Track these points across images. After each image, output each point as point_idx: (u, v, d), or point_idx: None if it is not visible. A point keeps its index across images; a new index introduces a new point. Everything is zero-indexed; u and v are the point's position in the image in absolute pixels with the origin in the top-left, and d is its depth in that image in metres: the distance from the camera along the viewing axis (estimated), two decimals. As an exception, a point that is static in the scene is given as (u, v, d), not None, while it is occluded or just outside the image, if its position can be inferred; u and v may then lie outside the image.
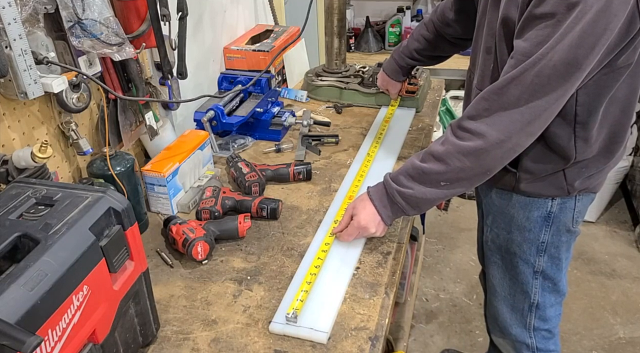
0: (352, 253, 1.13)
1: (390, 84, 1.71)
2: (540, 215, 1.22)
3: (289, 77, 2.04)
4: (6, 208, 0.75)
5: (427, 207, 1.11)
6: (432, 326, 2.26)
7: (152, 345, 0.95)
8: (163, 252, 1.17)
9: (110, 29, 1.09)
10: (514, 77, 0.94)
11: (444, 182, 1.04)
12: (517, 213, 1.24)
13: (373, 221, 1.11)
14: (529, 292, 1.32)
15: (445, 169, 1.02)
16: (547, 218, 1.22)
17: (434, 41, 1.50)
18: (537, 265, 1.28)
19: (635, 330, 2.18)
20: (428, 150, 1.06)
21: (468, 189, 1.10)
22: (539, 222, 1.22)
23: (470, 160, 1.00)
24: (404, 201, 1.08)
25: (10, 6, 0.90)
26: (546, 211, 1.21)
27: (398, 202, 1.08)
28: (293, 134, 1.68)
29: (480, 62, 1.17)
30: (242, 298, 1.04)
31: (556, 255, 1.27)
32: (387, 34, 3.29)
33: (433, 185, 1.05)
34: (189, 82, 1.51)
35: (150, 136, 1.38)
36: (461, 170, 1.02)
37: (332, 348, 0.92)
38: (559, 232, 1.24)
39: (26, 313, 0.61)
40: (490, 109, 0.97)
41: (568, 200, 1.20)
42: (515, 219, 1.25)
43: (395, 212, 1.11)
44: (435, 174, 1.04)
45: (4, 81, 0.96)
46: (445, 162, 1.02)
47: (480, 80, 1.17)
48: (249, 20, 2.09)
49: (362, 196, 1.16)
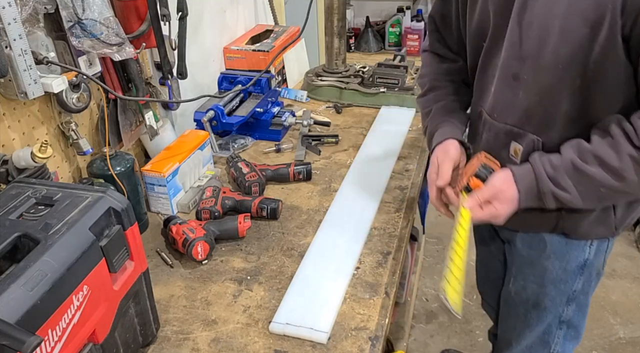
0: (352, 253, 1.13)
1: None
2: (578, 264, 1.09)
3: (289, 77, 2.04)
4: (6, 209, 0.75)
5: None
6: (432, 326, 2.25)
7: (152, 345, 0.95)
8: (163, 252, 1.17)
9: (110, 29, 1.09)
10: None
11: (605, 189, 0.89)
12: (552, 265, 1.10)
13: (508, 213, 0.97)
14: (550, 343, 1.21)
15: (619, 185, 0.87)
16: (582, 267, 1.10)
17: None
18: (564, 315, 1.17)
19: (635, 330, 2.18)
20: (594, 151, 0.89)
21: (627, 199, 0.99)
22: (575, 272, 1.10)
23: None
24: (556, 203, 0.93)
25: (10, 6, 0.90)
26: (583, 259, 1.08)
27: (548, 202, 0.94)
28: (293, 134, 1.68)
29: (498, 89, 1.02)
30: (242, 298, 1.04)
31: (584, 302, 1.17)
32: (387, 34, 3.29)
33: (593, 191, 0.90)
34: (189, 82, 1.51)
35: (150, 136, 1.38)
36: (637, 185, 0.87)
37: (332, 348, 0.92)
38: (591, 278, 1.13)
39: (26, 313, 0.61)
40: None
41: (604, 242, 1.08)
42: (549, 271, 1.11)
43: (537, 205, 0.96)
44: (602, 181, 0.88)
45: (4, 81, 0.96)
46: (620, 177, 0.87)
47: (501, 112, 1.02)
48: (249, 20, 2.09)
49: (507, 181, 0.96)
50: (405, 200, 1.33)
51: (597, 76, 0.87)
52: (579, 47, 0.84)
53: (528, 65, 0.93)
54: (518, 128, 1.00)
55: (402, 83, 1.82)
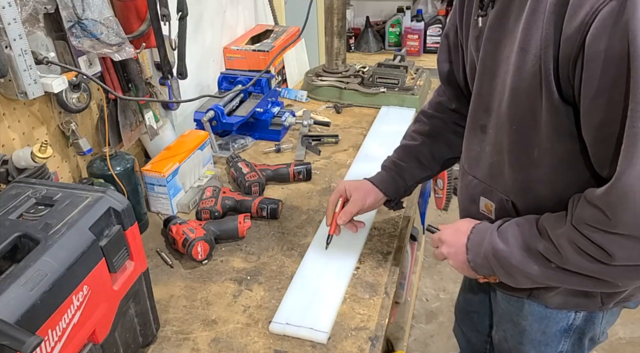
0: (352, 253, 1.13)
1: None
2: (559, 329, 1.01)
3: (289, 77, 2.04)
4: (6, 209, 0.75)
5: (524, 281, 0.87)
6: (432, 326, 2.25)
7: (152, 345, 0.95)
8: (163, 252, 1.17)
9: (110, 29, 1.09)
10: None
11: (555, 265, 0.81)
12: (531, 327, 1.03)
13: (455, 259, 0.94)
14: None
15: (561, 264, 0.80)
16: (567, 330, 1.01)
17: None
18: None
19: (635, 330, 2.18)
20: (541, 223, 0.83)
21: (589, 288, 0.90)
22: (557, 336, 1.02)
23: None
24: (497, 261, 0.87)
25: (10, 6, 0.90)
26: (567, 324, 1.00)
27: (489, 258, 0.88)
28: (293, 134, 1.68)
29: (468, 140, 0.99)
30: (242, 298, 1.04)
31: None
32: (387, 34, 3.29)
33: (540, 263, 0.82)
34: (189, 82, 1.51)
35: (150, 136, 1.38)
36: (582, 269, 0.79)
37: (332, 348, 0.92)
38: (582, 343, 1.03)
39: (26, 313, 0.61)
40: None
41: (597, 313, 0.99)
42: (527, 332, 1.04)
43: (485, 267, 0.90)
44: (549, 257, 0.81)
45: (4, 81, 0.96)
46: (559, 255, 0.80)
47: (471, 164, 0.98)
48: (249, 20, 2.09)
49: (462, 227, 0.95)
50: (405, 200, 1.33)
51: (552, 149, 0.81)
52: (527, 111, 0.80)
53: (492, 118, 0.89)
54: (486, 184, 0.95)
55: (402, 83, 1.82)
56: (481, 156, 0.94)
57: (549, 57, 0.73)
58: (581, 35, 0.69)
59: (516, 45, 0.78)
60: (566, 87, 0.74)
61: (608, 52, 0.66)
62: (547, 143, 0.81)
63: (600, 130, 0.72)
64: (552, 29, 0.72)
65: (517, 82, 0.79)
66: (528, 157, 0.84)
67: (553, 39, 0.72)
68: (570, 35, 0.70)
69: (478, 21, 0.88)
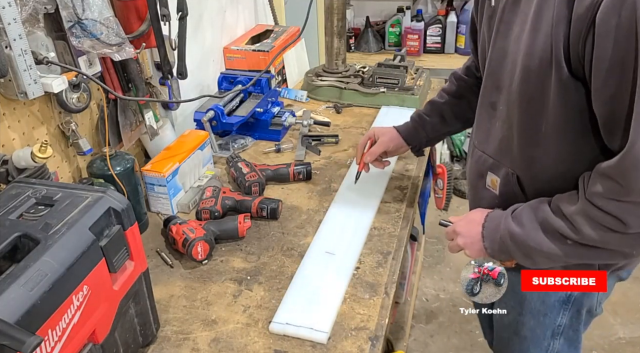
0: (352, 253, 1.13)
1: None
2: (558, 299, 1.06)
3: (289, 77, 2.04)
4: (6, 209, 0.75)
5: (543, 261, 0.91)
6: (432, 326, 2.25)
7: (152, 345, 0.95)
8: (163, 252, 1.17)
9: (110, 29, 1.09)
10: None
11: (572, 241, 0.85)
12: (531, 295, 1.08)
13: (471, 249, 0.99)
14: None
15: (577, 237, 0.84)
16: (566, 302, 1.06)
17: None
18: (551, 348, 1.13)
19: (635, 330, 2.18)
20: (555, 200, 0.88)
21: (602, 261, 0.95)
22: (556, 306, 1.07)
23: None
24: (514, 245, 0.91)
25: (10, 6, 0.90)
26: (566, 294, 1.05)
27: (507, 242, 0.92)
28: (293, 134, 1.68)
29: (479, 117, 1.04)
30: (242, 298, 1.04)
31: (575, 338, 1.12)
32: (387, 34, 3.29)
33: (557, 241, 0.87)
34: (189, 82, 1.51)
35: (150, 136, 1.38)
36: (595, 242, 0.83)
37: (332, 348, 0.92)
38: (579, 315, 1.08)
39: (26, 313, 0.61)
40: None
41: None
42: (527, 301, 1.09)
43: (503, 252, 0.95)
44: (564, 233, 0.85)
45: (4, 81, 0.96)
46: (576, 230, 0.84)
47: (481, 140, 1.04)
48: (249, 20, 2.09)
49: (475, 217, 1.00)
50: (405, 200, 1.33)
51: (560, 123, 0.86)
52: (537, 87, 0.85)
53: (503, 95, 0.94)
54: (494, 159, 1.00)
55: (402, 83, 1.82)
56: (491, 132, 1.00)
57: (560, 35, 0.78)
58: (591, 14, 0.73)
59: (528, 24, 0.83)
60: (576, 64, 0.79)
61: (618, 30, 0.71)
62: (555, 117, 0.85)
63: (611, 104, 0.76)
64: (564, 9, 0.77)
65: (528, 61, 0.84)
66: (536, 131, 0.89)
67: (564, 18, 0.77)
68: (581, 14, 0.74)
69: (491, 1, 0.94)
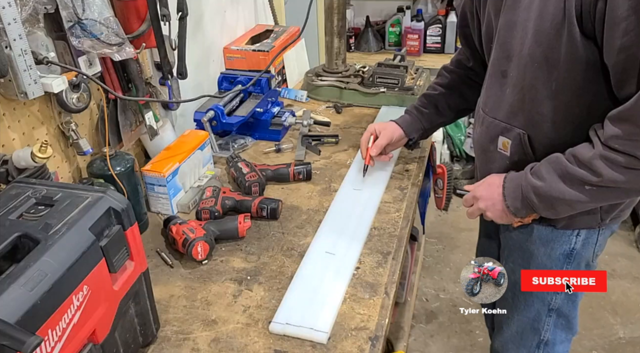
0: (352, 254, 1.13)
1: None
2: (563, 252, 1.14)
3: (289, 77, 2.04)
4: (6, 209, 0.75)
5: (565, 209, 1.00)
6: (432, 326, 2.26)
7: (152, 345, 0.95)
8: (163, 252, 1.17)
9: (110, 29, 1.09)
10: None
11: (589, 186, 0.93)
12: (538, 250, 1.16)
13: (493, 210, 1.08)
14: (540, 330, 1.25)
15: (597, 180, 0.91)
16: (569, 256, 1.15)
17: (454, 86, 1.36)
18: (553, 302, 1.21)
19: (635, 330, 2.18)
20: (573, 151, 0.96)
21: (620, 200, 1.03)
22: (560, 259, 1.15)
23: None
24: (537, 198, 0.99)
25: (10, 6, 0.90)
26: (569, 248, 1.14)
27: (530, 198, 1.00)
28: (293, 134, 1.68)
29: (489, 86, 1.10)
30: (242, 298, 1.04)
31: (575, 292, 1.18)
32: (387, 34, 3.29)
33: (578, 188, 0.94)
34: (189, 82, 1.51)
35: (150, 136, 1.38)
36: (615, 182, 0.91)
37: (332, 348, 0.92)
38: (579, 268, 1.17)
39: (26, 313, 0.61)
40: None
41: (592, 234, 1.13)
42: (535, 256, 1.17)
43: (526, 207, 1.03)
44: (583, 178, 0.93)
45: (4, 81, 0.96)
46: (597, 173, 0.91)
47: (491, 107, 1.10)
48: (249, 20, 2.09)
49: (493, 181, 1.09)
50: (405, 200, 1.33)
51: (569, 80, 0.93)
52: (548, 48, 0.92)
53: (514, 62, 1.00)
54: (505, 123, 1.07)
55: (402, 83, 1.82)
56: (502, 98, 1.06)
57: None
58: None
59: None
60: (587, 22, 0.86)
61: None
62: (565, 75, 0.93)
63: (621, 54, 0.83)
64: None
65: (540, 25, 0.91)
66: (547, 89, 0.96)
67: None
68: None
69: None
